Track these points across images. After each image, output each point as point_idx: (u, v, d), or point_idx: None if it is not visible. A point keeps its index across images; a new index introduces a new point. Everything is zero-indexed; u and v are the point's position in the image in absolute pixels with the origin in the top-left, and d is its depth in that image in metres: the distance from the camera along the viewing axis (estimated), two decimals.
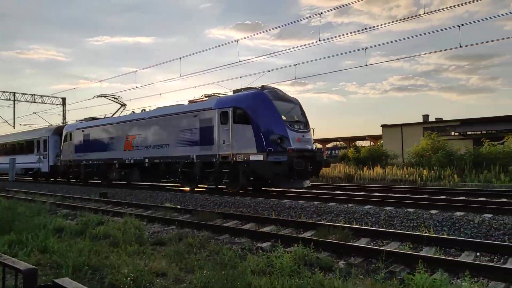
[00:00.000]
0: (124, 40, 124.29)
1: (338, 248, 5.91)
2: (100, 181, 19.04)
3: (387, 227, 7.74)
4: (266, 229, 7.85)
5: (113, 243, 6.41)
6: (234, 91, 13.66)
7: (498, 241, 6.50)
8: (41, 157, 23.84)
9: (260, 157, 11.49)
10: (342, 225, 7.46)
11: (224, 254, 5.45)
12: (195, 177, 13.51)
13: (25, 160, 25.56)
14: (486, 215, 7.78)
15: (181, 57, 20.44)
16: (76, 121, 22.06)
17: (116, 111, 19.92)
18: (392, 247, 6.15)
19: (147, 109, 16.81)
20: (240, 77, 36.21)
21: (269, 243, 6.43)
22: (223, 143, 12.34)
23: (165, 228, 8.26)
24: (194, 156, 13.20)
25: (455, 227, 7.29)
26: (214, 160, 12.59)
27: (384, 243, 6.49)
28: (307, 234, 7.20)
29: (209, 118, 12.80)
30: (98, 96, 20.66)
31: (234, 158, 12.09)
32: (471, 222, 7.33)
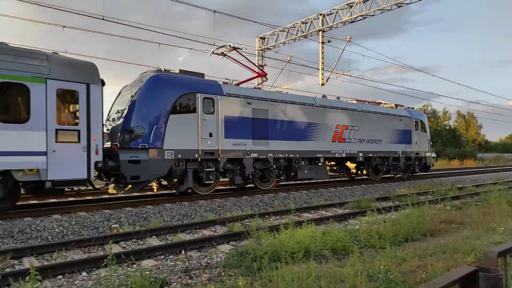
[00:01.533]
0: None
1: None
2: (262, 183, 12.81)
3: None
4: None
5: None
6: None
7: None
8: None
9: None
10: None
11: None
12: (398, 168, 17.83)
13: None
14: None
15: None
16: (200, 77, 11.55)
17: (248, 80, 13.79)
18: None
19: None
20: None
21: None
22: (416, 143, 18.54)
23: None
24: (400, 152, 17.49)
25: None
26: (412, 155, 18.29)
27: None
28: None
29: (408, 123, 18.29)
30: (219, 54, 12.75)
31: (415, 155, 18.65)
32: None
